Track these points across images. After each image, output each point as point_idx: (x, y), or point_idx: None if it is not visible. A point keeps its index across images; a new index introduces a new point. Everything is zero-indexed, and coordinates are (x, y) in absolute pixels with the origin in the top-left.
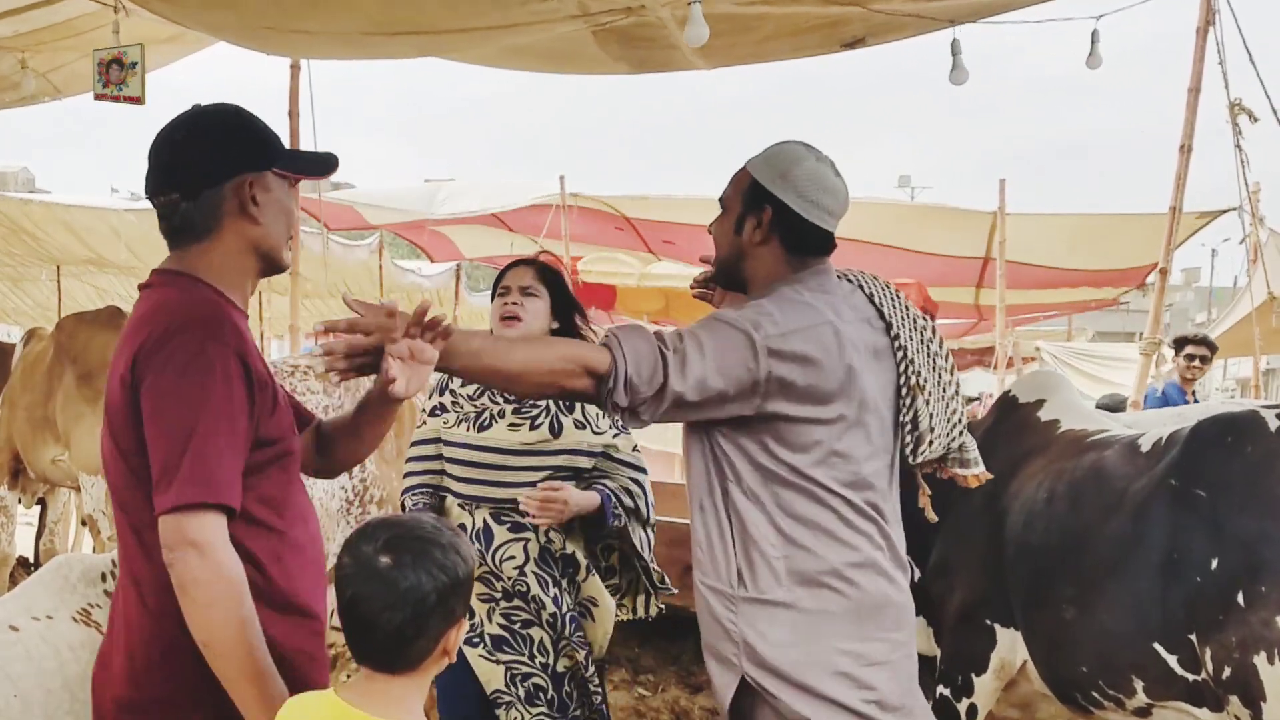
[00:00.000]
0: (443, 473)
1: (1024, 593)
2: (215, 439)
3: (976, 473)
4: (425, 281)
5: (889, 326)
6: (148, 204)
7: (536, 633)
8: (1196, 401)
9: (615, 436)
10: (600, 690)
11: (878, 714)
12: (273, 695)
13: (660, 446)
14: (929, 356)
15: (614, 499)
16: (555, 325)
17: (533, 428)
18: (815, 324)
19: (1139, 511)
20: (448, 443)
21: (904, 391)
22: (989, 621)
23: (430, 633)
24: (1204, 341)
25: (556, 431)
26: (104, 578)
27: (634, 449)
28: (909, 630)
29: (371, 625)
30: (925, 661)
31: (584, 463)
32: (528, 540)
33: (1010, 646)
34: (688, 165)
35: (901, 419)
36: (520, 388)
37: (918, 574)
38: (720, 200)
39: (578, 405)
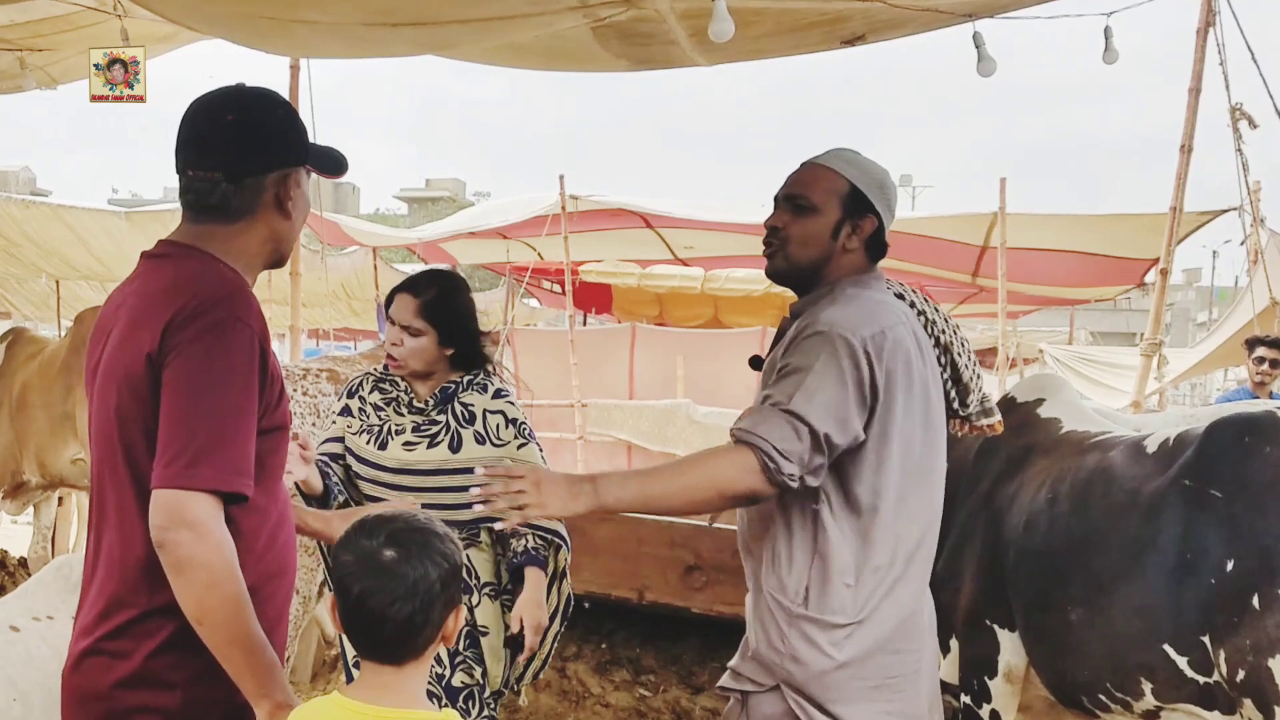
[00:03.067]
0: (347, 468)
1: (1025, 595)
2: (243, 427)
3: (995, 420)
4: None
5: (912, 305)
6: (147, 207)
7: None
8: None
9: (520, 448)
10: (492, 717)
11: None
12: (266, 663)
13: (660, 448)
14: (943, 317)
15: (537, 550)
16: (449, 352)
17: (431, 445)
18: (898, 325)
19: (1151, 512)
20: (350, 451)
21: (938, 351)
22: (989, 623)
23: (435, 620)
24: (1277, 343)
25: (456, 448)
26: None
27: (540, 457)
28: (932, 628)
29: (381, 619)
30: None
31: None
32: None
33: (1013, 649)
34: (690, 166)
35: (944, 377)
36: (694, 513)
37: None
38: (798, 200)
39: (478, 418)
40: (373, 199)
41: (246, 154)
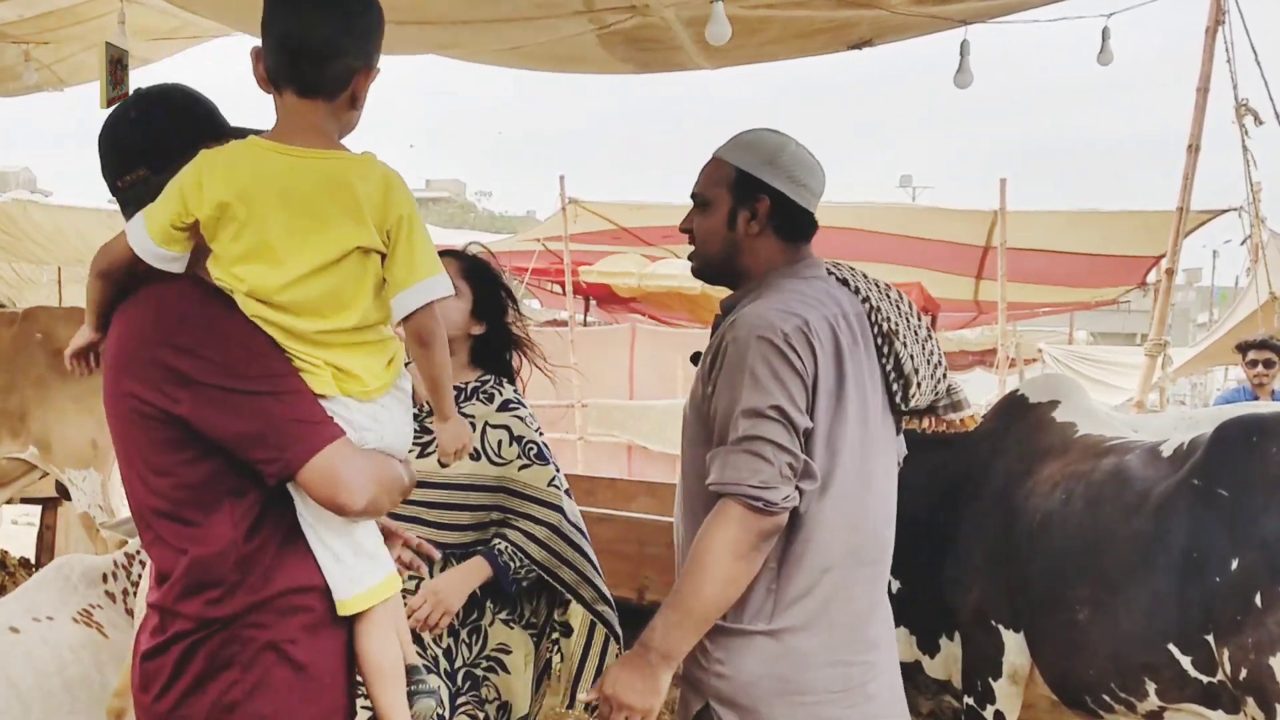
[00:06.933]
0: None
1: (1033, 594)
2: None
3: (969, 414)
4: None
5: (857, 291)
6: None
7: (433, 681)
8: None
9: (522, 469)
10: None
11: None
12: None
13: (660, 448)
14: (893, 304)
15: (507, 557)
16: (478, 330)
17: (421, 455)
18: (821, 315)
19: (1159, 512)
20: None
21: (879, 340)
22: (994, 623)
23: (347, 55)
24: (1265, 345)
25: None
26: (105, 578)
27: (551, 481)
28: (889, 634)
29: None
30: (905, 668)
31: (476, 499)
32: (421, 579)
33: (1017, 649)
34: (690, 167)
35: (884, 366)
36: (740, 587)
37: (895, 585)
38: (697, 198)
39: (476, 430)
40: None
41: (164, 139)
